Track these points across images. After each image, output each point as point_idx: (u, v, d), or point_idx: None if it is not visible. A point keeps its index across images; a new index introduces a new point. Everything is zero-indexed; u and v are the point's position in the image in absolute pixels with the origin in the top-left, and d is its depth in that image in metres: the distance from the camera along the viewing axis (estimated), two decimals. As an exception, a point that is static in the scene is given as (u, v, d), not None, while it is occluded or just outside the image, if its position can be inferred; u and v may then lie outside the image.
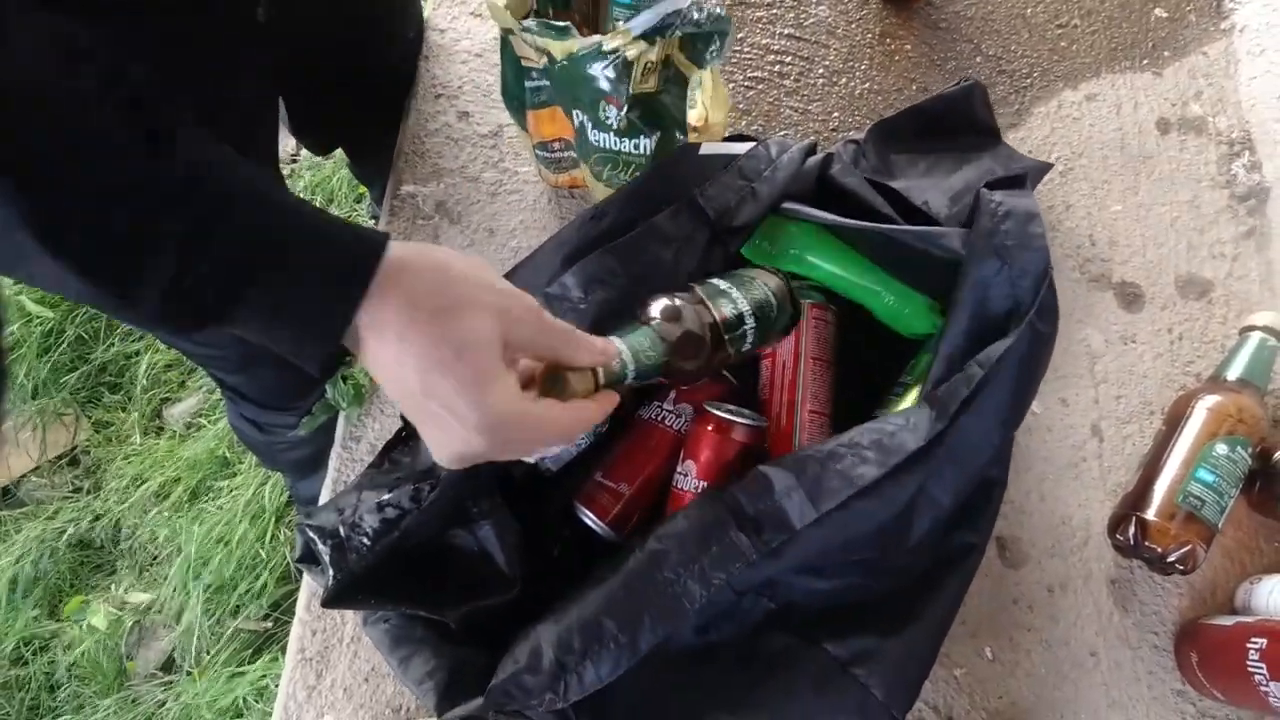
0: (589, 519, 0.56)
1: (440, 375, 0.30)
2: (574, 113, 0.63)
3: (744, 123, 0.77)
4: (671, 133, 0.62)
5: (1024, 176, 0.50)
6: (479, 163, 0.78)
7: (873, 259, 0.57)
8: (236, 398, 0.76)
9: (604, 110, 0.62)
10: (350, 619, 0.63)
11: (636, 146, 0.63)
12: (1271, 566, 0.61)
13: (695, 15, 0.55)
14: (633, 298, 0.47)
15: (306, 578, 0.64)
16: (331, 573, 0.50)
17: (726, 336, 0.47)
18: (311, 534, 0.52)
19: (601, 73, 0.58)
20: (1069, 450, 0.65)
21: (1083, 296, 0.70)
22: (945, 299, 0.57)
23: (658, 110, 0.60)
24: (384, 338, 0.30)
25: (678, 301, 0.45)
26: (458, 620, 0.51)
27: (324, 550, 0.51)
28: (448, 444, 0.33)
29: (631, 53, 0.55)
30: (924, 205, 0.54)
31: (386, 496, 0.52)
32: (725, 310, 0.48)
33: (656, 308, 0.45)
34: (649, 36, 0.56)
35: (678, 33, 0.56)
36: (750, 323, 0.48)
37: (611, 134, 0.62)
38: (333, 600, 0.49)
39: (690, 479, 0.55)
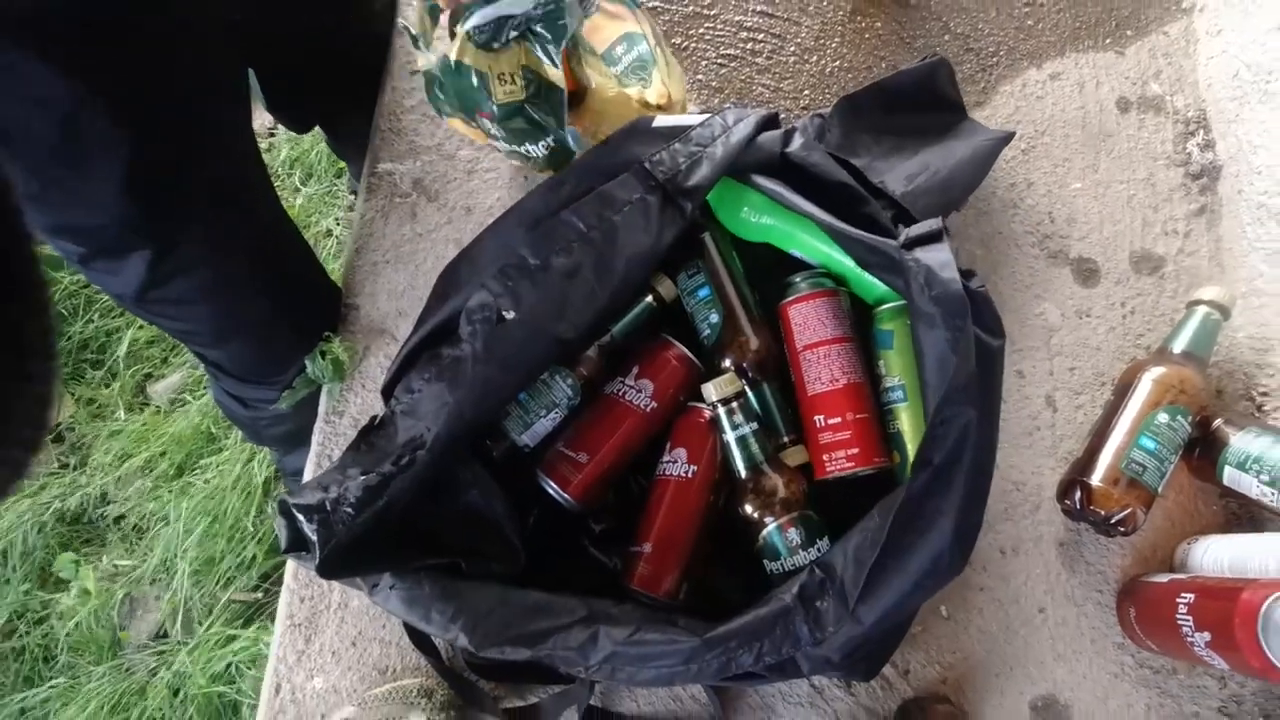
0: (550, 488, 0.59)
1: None
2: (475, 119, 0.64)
3: (716, 100, 0.78)
4: (555, 134, 0.62)
5: (940, 231, 0.53)
6: (455, 140, 0.79)
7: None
8: (218, 373, 0.77)
9: (480, 123, 0.63)
10: (336, 587, 0.66)
11: (529, 152, 0.64)
12: (1208, 528, 0.65)
13: (528, 10, 0.55)
14: (586, 261, 0.49)
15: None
16: (317, 544, 0.52)
17: None
18: (298, 514, 0.54)
19: (468, 85, 0.59)
20: (1024, 420, 0.68)
21: (1041, 272, 0.72)
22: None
23: (530, 118, 0.61)
24: None
25: None
26: (469, 563, 0.53)
27: (309, 529, 0.53)
28: None
29: (480, 64, 0.56)
30: (880, 184, 0.56)
31: (369, 470, 0.54)
32: None
33: None
34: (488, 45, 0.56)
35: (514, 34, 0.56)
36: None
37: (501, 141, 0.63)
38: (326, 565, 0.51)
39: (680, 465, 0.59)
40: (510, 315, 0.54)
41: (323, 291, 0.75)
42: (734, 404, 0.58)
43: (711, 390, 0.57)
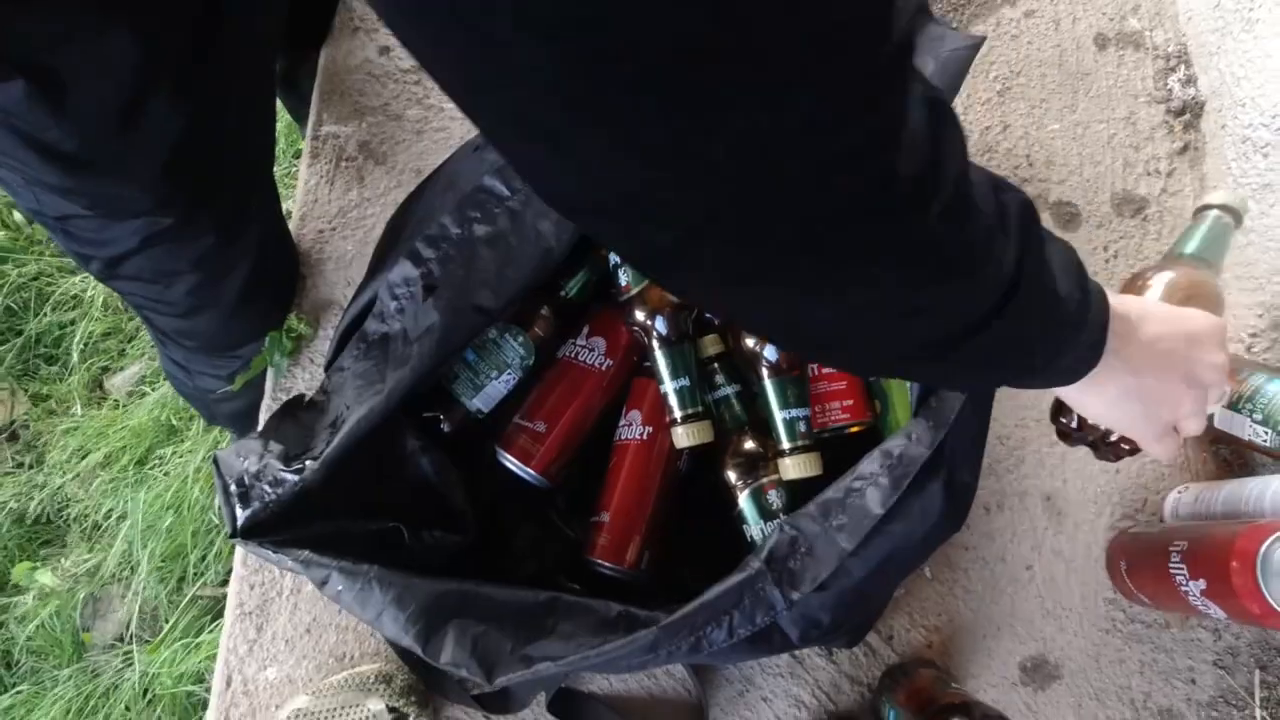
0: (510, 463, 0.55)
1: (1137, 418, 0.44)
2: None
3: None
4: None
5: None
6: (402, 100, 0.74)
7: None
8: (165, 340, 0.73)
9: None
10: (289, 575, 0.62)
11: None
12: (1199, 476, 0.62)
13: None
14: (508, 226, 0.47)
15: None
16: (238, 515, 0.49)
17: None
18: (226, 478, 0.50)
19: None
20: (1006, 371, 0.65)
21: (1020, 218, 0.69)
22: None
23: None
24: (1103, 392, 0.42)
25: None
26: (411, 534, 0.50)
27: (234, 493, 0.50)
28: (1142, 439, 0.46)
29: None
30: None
31: (292, 451, 0.51)
32: None
33: None
34: None
35: None
36: None
37: None
38: (244, 534, 0.47)
39: (635, 428, 0.55)
40: (432, 287, 0.51)
41: (291, 267, 0.71)
42: (715, 364, 0.55)
43: None
